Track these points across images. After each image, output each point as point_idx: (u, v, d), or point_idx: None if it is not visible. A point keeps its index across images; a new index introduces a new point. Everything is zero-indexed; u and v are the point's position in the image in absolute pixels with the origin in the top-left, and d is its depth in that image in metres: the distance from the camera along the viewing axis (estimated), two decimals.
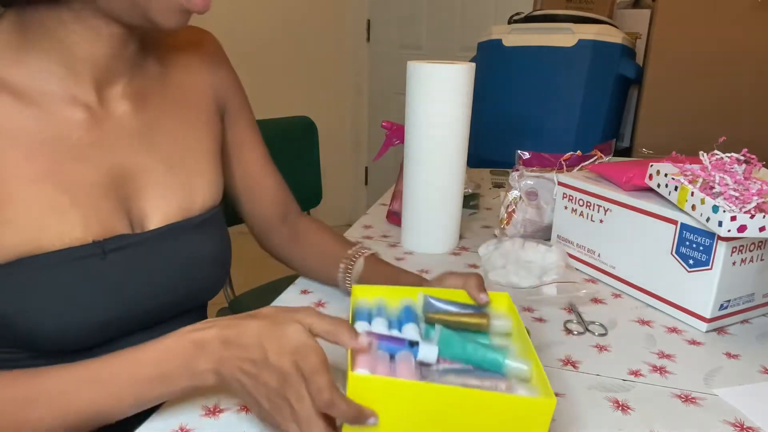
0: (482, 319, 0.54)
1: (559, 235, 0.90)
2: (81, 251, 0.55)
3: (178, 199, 0.64)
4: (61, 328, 0.55)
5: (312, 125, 1.54)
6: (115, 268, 0.58)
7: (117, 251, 0.58)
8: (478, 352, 0.50)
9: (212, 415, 0.52)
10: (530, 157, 0.96)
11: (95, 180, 0.57)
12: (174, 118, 0.65)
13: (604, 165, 0.87)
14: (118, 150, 0.60)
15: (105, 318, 0.58)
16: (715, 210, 0.62)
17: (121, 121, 0.60)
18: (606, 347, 0.66)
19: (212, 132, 0.70)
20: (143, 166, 0.61)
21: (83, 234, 0.55)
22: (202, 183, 0.67)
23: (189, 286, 0.66)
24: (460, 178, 0.91)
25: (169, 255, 0.63)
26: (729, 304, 0.70)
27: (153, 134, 0.63)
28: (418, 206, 0.91)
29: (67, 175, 0.55)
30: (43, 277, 0.54)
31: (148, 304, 0.62)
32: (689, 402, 0.56)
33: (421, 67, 0.84)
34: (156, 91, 0.64)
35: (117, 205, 0.59)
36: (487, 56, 1.75)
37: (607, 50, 1.58)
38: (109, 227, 0.58)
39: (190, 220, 0.65)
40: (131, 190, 0.61)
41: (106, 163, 0.58)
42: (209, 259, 0.67)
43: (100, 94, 0.58)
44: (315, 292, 0.77)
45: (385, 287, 0.59)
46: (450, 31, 2.78)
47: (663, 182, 0.72)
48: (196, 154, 0.67)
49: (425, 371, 0.48)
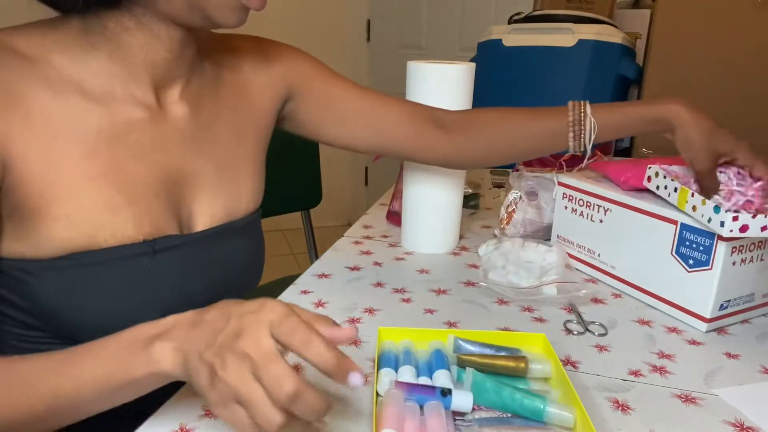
0: (519, 363, 0.52)
1: (559, 235, 0.90)
2: (132, 249, 0.56)
3: (224, 203, 0.65)
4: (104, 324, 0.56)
5: None
6: (162, 268, 0.59)
7: (165, 251, 0.59)
8: (515, 399, 0.47)
9: (212, 415, 0.52)
10: None
11: (149, 180, 0.58)
12: (225, 123, 0.66)
13: (604, 165, 0.87)
14: (173, 152, 0.60)
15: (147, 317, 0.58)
16: (717, 210, 0.62)
17: (177, 123, 0.61)
18: (606, 347, 0.66)
19: (261, 136, 0.71)
20: (195, 169, 0.62)
21: (135, 233, 0.56)
22: (246, 187, 0.68)
23: (226, 288, 0.67)
24: (460, 178, 0.91)
25: (212, 257, 0.64)
26: (729, 304, 0.70)
27: (206, 137, 0.64)
28: (418, 206, 0.91)
29: (123, 175, 0.56)
30: (94, 274, 0.55)
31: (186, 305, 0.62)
32: (689, 402, 0.56)
33: (421, 67, 0.84)
34: (210, 95, 0.65)
35: (168, 206, 0.60)
36: (487, 56, 1.75)
37: (607, 50, 1.58)
38: (159, 227, 0.58)
39: (233, 223, 0.66)
40: (182, 191, 0.62)
41: (161, 164, 0.59)
42: (247, 261, 0.69)
43: (158, 96, 0.59)
44: (315, 292, 0.77)
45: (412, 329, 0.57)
46: (450, 31, 2.78)
47: (662, 184, 0.72)
48: (243, 158, 0.68)
49: (459, 421, 0.46)
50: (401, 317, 0.72)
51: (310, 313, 0.44)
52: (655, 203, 0.73)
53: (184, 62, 0.60)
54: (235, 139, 0.67)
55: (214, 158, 0.64)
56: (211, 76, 0.66)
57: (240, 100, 0.68)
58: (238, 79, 0.69)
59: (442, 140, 0.77)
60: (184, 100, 0.62)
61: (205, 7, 0.53)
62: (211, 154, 0.64)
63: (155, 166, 0.59)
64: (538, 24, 1.68)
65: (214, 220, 0.64)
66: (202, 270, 0.63)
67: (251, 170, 0.69)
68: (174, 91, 0.61)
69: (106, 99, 0.55)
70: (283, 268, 2.52)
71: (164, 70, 0.58)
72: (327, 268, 0.85)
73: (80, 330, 0.56)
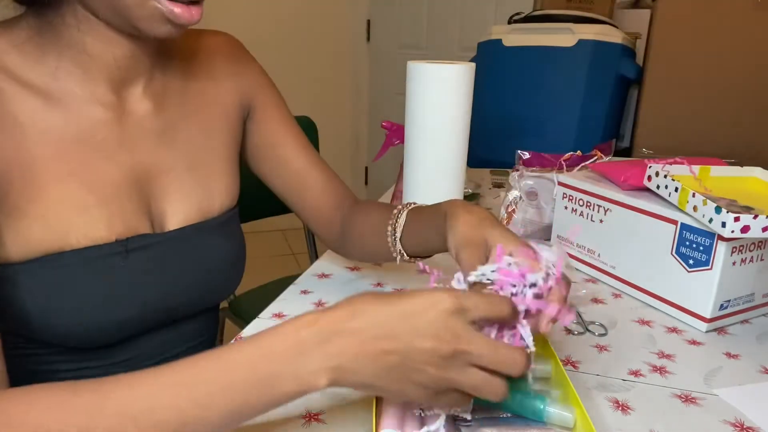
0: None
1: (559, 235, 0.90)
2: (105, 249, 0.56)
3: (197, 201, 0.65)
4: (80, 326, 0.56)
5: (312, 125, 1.54)
6: (136, 268, 0.59)
7: (139, 251, 0.59)
8: (515, 399, 0.47)
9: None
10: (530, 157, 0.96)
11: (119, 179, 0.58)
12: (193, 121, 0.66)
13: (604, 165, 0.87)
14: (141, 149, 0.60)
15: (124, 317, 0.59)
16: (718, 211, 0.62)
17: (142, 120, 0.61)
18: (606, 347, 0.66)
19: (231, 137, 0.70)
20: (164, 166, 0.62)
21: (107, 233, 0.56)
22: (220, 185, 0.67)
23: (206, 287, 0.66)
24: (460, 178, 0.91)
25: (188, 255, 0.63)
26: (729, 304, 0.70)
27: (173, 135, 0.63)
28: None
29: (93, 174, 0.56)
30: (67, 275, 0.55)
31: (165, 304, 0.63)
32: (689, 402, 0.56)
33: (421, 67, 0.84)
34: (176, 92, 0.64)
35: (139, 205, 0.60)
36: (487, 56, 1.75)
37: (607, 50, 1.58)
38: (131, 226, 0.58)
39: (208, 221, 0.66)
40: (153, 189, 0.61)
41: (130, 162, 0.59)
42: (226, 259, 0.68)
43: (119, 94, 0.59)
44: (315, 292, 0.77)
45: None
46: (450, 31, 2.78)
47: (663, 183, 0.72)
48: (214, 157, 0.67)
49: (459, 421, 0.46)
50: None
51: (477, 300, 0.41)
52: (655, 203, 0.73)
53: (144, 59, 0.59)
54: (204, 137, 0.66)
55: (184, 156, 0.64)
56: (178, 72, 0.65)
57: (208, 99, 0.67)
58: (207, 77, 0.68)
59: (335, 230, 0.76)
60: (147, 97, 0.61)
61: (130, 16, 0.52)
62: (180, 151, 0.64)
63: (124, 165, 0.58)
64: (538, 24, 1.68)
65: (188, 218, 0.64)
66: (177, 268, 0.62)
67: (223, 169, 0.68)
68: (136, 88, 0.60)
69: (67, 100, 0.55)
70: (283, 268, 2.52)
71: (121, 68, 0.57)
72: (327, 268, 0.85)
73: (57, 331, 0.56)
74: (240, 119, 0.72)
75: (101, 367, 0.62)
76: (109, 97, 0.58)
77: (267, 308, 0.72)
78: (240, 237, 0.71)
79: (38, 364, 0.60)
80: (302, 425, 0.51)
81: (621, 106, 1.71)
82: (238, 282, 0.72)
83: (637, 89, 1.70)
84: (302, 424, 0.51)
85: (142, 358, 0.65)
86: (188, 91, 0.66)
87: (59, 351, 0.59)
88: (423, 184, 0.89)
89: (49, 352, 0.59)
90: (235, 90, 0.70)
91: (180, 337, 0.69)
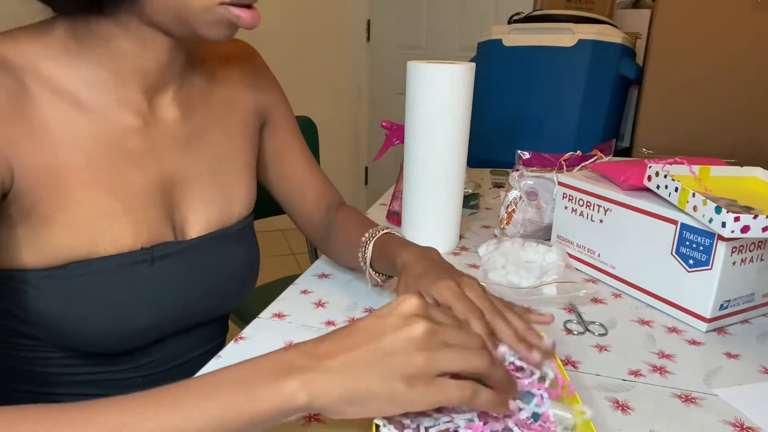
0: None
1: (559, 235, 0.90)
2: (131, 257, 0.56)
3: (218, 208, 0.65)
4: (102, 333, 0.56)
5: (312, 125, 1.54)
6: (160, 275, 0.59)
7: (163, 258, 0.59)
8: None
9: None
10: (530, 157, 0.96)
11: (146, 186, 0.58)
12: (216, 129, 0.66)
13: (604, 165, 0.87)
14: (167, 157, 0.60)
15: (143, 324, 0.59)
16: (718, 211, 0.62)
17: (169, 128, 0.61)
18: (606, 347, 0.66)
19: (250, 144, 0.71)
20: (188, 174, 0.62)
21: (133, 240, 0.56)
22: (239, 193, 0.68)
23: (223, 294, 0.66)
24: (460, 178, 0.91)
25: (208, 263, 0.64)
26: (729, 304, 0.70)
27: (197, 143, 0.64)
28: (418, 206, 0.91)
29: (121, 182, 0.56)
30: (93, 283, 0.55)
31: (183, 311, 0.63)
32: (689, 402, 0.56)
33: (421, 67, 0.84)
34: (201, 100, 0.65)
35: (163, 212, 0.60)
36: (487, 56, 1.75)
37: (607, 50, 1.58)
38: (156, 234, 0.58)
39: (228, 228, 0.66)
40: (176, 196, 0.62)
41: (156, 169, 0.59)
42: (243, 267, 0.69)
43: (150, 102, 0.59)
44: (315, 292, 0.77)
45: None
46: (450, 31, 2.78)
47: (663, 183, 0.72)
48: (234, 164, 0.68)
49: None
50: None
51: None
52: (655, 203, 0.73)
53: (176, 68, 0.59)
54: (226, 144, 0.67)
55: (207, 163, 0.64)
56: (202, 82, 0.66)
57: (230, 106, 0.68)
58: (227, 84, 0.69)
59: (322, 235, 0.81)
60: (175, 104, 0.61)
61: (194, 22, 0.52)
62: (203, 159, 0.64)
63: (150, 172, 0.58)
64: (538, 24, 1.68)
65: (209, 225, 0.64)
66: (199, 276, 0.63)
67: (243, 176, 0.69)
68: (166, 96, 0.60)
69: (99, 107, 0.55)
70: (283, 268, 2.52)
71: (155, 76, 0.58)
72: (327, 268, 0.85)
73: (77, 338, 0.56)
74: (257, 128, 0.73)
75: (114, 371, 0.62)
76: (141, 104, 0.58)
77: (267, 308, 0.71)
78: (255, 245, 0.72)
79: (52, 368, 0.60)
80: (302, 425, 0.51)
81: (621, 106, 1.71)
82: (251, 289, 0.73)
83: (637, 89, 1.70)
84: (302, 424, 0.51)
85: (155, 363, 0.65)
86: (212, 98, 0.66)
87: (74, 355, 0.59)
88: (423, 184, 0.89)
89: (64, 356, 0.59)
90: (252, 100, 0.71)
91: (192, 343, 0.69)
